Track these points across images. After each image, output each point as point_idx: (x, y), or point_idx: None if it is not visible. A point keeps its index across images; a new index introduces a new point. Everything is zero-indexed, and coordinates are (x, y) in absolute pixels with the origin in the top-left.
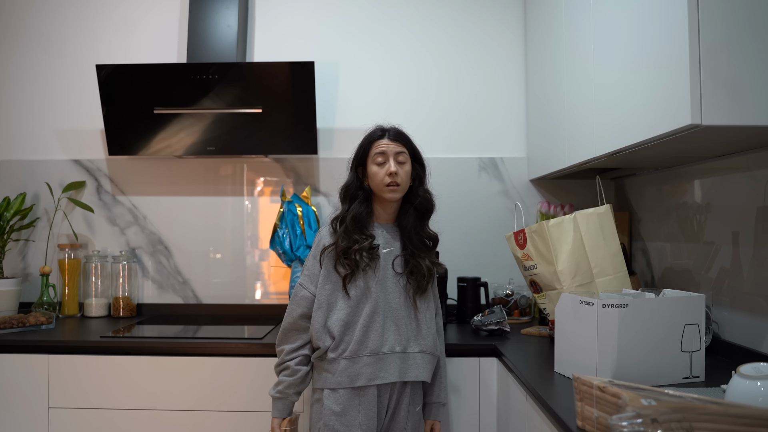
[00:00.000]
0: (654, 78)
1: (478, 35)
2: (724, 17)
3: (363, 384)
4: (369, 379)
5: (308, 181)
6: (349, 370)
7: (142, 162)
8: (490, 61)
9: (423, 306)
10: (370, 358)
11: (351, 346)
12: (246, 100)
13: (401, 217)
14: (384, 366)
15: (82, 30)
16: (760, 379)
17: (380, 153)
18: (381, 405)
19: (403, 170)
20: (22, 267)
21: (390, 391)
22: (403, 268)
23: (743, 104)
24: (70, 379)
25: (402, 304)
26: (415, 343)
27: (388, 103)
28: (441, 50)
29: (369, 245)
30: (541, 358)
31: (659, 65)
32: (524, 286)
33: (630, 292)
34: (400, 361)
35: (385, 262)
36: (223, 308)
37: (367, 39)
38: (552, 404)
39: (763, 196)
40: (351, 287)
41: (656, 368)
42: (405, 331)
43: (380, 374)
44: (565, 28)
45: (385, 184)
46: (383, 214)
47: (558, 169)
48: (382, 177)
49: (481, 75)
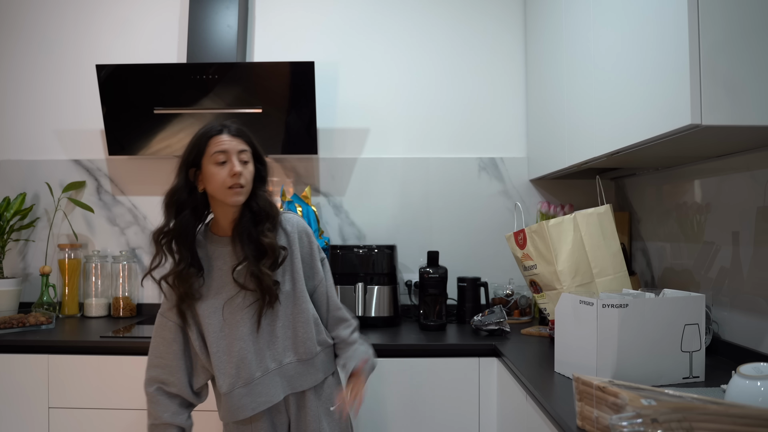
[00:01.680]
0: (654, 78)
1: (478, 35)
2: (724, 17)
3: (249, 415)
4: (253, 409)
5: (308, 181)
6: (229, 405)
7: (142, 162)
8: (490, 61)
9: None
10: (245, 389)
11: (220, 381)
12: (246, 100)
13: (238, 225)
14: (264, 390)
15: (82, 30)
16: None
17: (221, 151)
18: (279, 423)
19: (247, 170)
20: (22, 267)
21: (285, 405)
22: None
23: (743, 104)
24: (69, 379)
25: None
26: (291, 352)
27: (387, 103)
28: (441, 50)
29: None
30: (541, 358)
31: (659, 65)
32: (524, 286)
33: (630, 292)
34: (280, 377)
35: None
36: None
37: (367, 39)
38: (552, 404)
39: (763, 196)
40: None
41: (656, 368)
42: (276, 346)
43: (262, 399)
44: (565, 28)
45: (228, 186)
46: (222, 223)
47: (558, 169)
48: (224, 178)
49: (481, 75)
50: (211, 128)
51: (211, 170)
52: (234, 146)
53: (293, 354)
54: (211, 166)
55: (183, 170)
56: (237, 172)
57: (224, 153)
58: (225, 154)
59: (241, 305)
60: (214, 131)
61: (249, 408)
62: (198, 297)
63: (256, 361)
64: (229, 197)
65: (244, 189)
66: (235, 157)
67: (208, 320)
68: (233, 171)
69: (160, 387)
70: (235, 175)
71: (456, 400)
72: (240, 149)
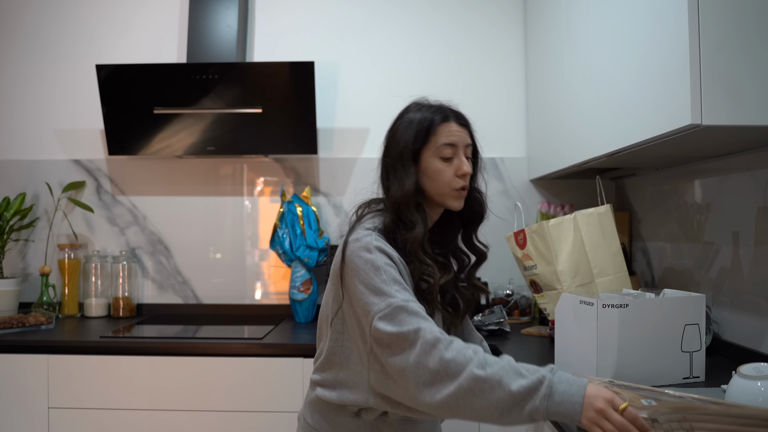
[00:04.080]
0: (654, 78)
1: (478, 35)
2: (724, 17)
3: None
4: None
5: (308, 181)
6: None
7: (142, 162)
8: (490, 61)
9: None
10: None
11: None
12: (246, 100)
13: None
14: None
15: (82, 30)
16: (760, 379)
17: (450, 144)
18: None
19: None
20: (22, 267)
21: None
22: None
23: (743, 104)
24: (69, 379)
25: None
26: None
27: (387, 103)
28: (441, 50)
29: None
30: (541, 358)
31: (659, 65)
32: (524, 286)
33: (630, 292)
34: None
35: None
36: (223, 308)
37: (367, 39)
38: None
39: (763, 196)
40: None
41: (656, 368)
42: None
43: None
44: (565, 28)
45: (455, 188)
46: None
47: (558, 169)
48: (451, 178)
49: (481, 75)
50: (435, 113)
51: (436, 166)
52: (463, 139)
53: None
54: (436, 160)
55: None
56: (466, 173)
57: (453, 147)
58: (453, 149)
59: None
60: (441, 117)
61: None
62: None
63: None
64: (452, 200)
65: (466, 192)
66: (462, 152)
67: None
68: (462, 170)
69: None
70: (464, 176)
71: None
72: (467, 143)
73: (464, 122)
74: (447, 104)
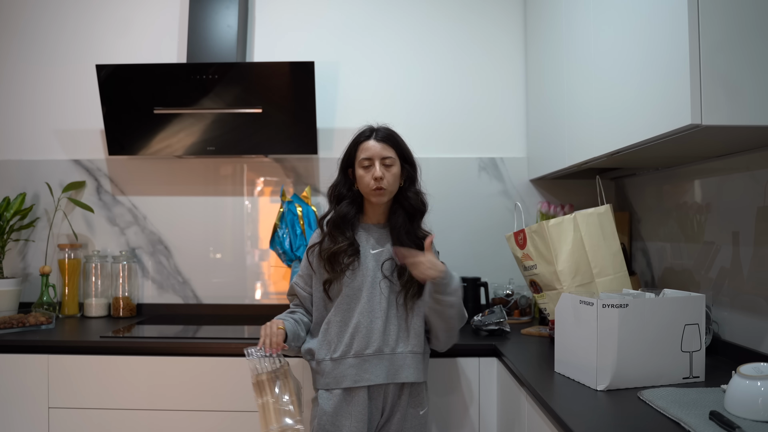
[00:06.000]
0: (654, 78)
1: (478, 35)
2: (724, 17)
3: (349, 385)
4: (354, 381)
5: (308, 181)
6: (335, 372)
7: (142, 162)
8: (490, 61)
9: (415, 308)
10: (354, 360)
11: (334, 348)
12: (246, 100)
13: (391, 217)
14: (369, 368)
15: (82, 30)
16: (760, 379)
17: (366, 158)
18: (374, 408)
19: (390, 173)
20: (22, 267)
21: (383, 393)
22: (392, 272)
23: (743, 104)
24: (69, 379)
25: (390, 306)
26: (404, 343)
27: (387, 103)
28: (441, 50)
29: (347, 248)
30: (541, 358)
31: (659, 65)
32: (524, 286)
33: (630, 292)
34: (389, 363)
35: (375, 263)
36: (223, 308)
37: (367, 39)
38: (552, 404)
39: (763, 196)
40: (332, 290)
41: (656, 368)
42: (394, 333)
43: (365, 376)
44: (564, 28)
45: (371, 189)
46: (372, 214)
47: (558, 169)
48: (368, 181)
49: (481, 75)
50: (361, 134)
51: (359, 173)
52: (378, 152)
53: (405, 345)
54: (359, 169)
55: (341, 170)
56: (378, 177)
57: (368, 159)
58: (369, 161)
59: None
60: (363, 137)
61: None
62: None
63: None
64: (372, 197)
65: (386, 191)
66: (378, 162)
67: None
68: (375, 175)
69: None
70: (377, 179)
71: (456, 400)
72: (384, 156)
73: (382, 139)
74: (376, 125)
